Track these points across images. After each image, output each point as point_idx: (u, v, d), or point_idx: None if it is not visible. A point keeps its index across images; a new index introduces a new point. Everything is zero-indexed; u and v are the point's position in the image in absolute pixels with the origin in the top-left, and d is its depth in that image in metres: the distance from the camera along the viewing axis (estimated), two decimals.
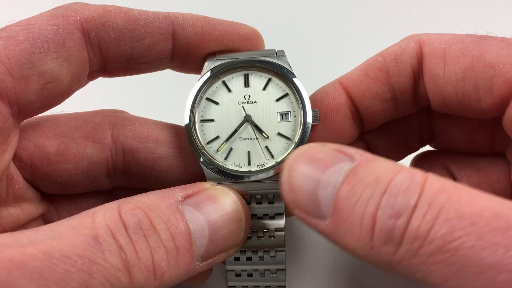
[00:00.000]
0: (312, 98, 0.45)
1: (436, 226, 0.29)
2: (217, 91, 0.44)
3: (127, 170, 0.45)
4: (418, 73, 0.43)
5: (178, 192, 0.38)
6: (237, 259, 0.44)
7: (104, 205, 0.35)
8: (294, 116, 0.43)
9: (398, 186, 0.31)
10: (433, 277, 0.29)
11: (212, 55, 0.45)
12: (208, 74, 0.44)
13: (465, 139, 0.46)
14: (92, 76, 0.44)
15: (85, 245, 0.30)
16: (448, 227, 0.28)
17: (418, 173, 0.31)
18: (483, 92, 0.39)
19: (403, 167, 0.32)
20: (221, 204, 0.39)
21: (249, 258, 0.44)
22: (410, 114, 0.47)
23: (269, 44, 0.47)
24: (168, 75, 0.49)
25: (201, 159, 0.42)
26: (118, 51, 0.42)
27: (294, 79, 0.43)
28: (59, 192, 0.45)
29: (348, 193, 0.32)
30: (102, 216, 0.33)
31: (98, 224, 0.32)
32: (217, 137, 0.43)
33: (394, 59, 0.43)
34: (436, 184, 0.30)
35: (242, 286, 0.45)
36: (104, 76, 0.45)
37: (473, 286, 0.28)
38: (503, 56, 0.38)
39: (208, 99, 0.44)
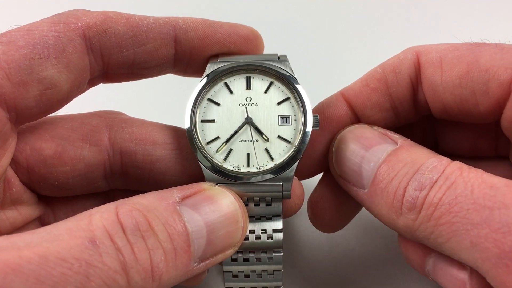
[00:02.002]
0: (315, 109, 0.46)
1: (446, 194, 0.35)
2: (219, 92, 0.44)
3: (125, 172, 0.45)
4: (416, 82, 0.44)
5: (175, 193, 0.38)
6: (234, 260, 0.44)
7: (101, 206, 0.35)
8: (295, 120, 0.44)
9: (427, 166, 0.38)
10: (441, 237, 0.35)
11: (214, 57, 0.45)
12: (211, 75, 0.44)
13: (469, 144, 0.47)
14: (93, 82, 0.44)
15: (82, 248, 0.30)
16: (455, 195, 0.35)
17: (446, 158, 0.38)
18: (480, 96, 0.40)
19: (436, 154, 0.39)
20: (219, 205, 0.39)
21: (246, 259, 0.44)
22: (413, 122, 0.48)
23: (272, 49, 0.47)
24: (165, 76, 0.49)
25: (200, 159, 0.42)
26: (120, 57, 0.42)
27: (296, 84, 0.44)
28: (56, 195, 0.45)
29: (387, 169, 0.39)
30: (99, 218, 0.33)
31: (95, 226, 0.32)
32: (217, 137, 0.43)
33: (392, 70, 0.44)
34: (456, 165, 0.37)
35: (239, 287, 0.45)
36: (105, 82, 0.45)
37: (464, 242, 0.34)
38: (496, 60, 0.39)
39: (209, 99, 0.44)
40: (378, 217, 0.41)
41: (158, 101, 0.67)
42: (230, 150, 0.43)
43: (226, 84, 0.44)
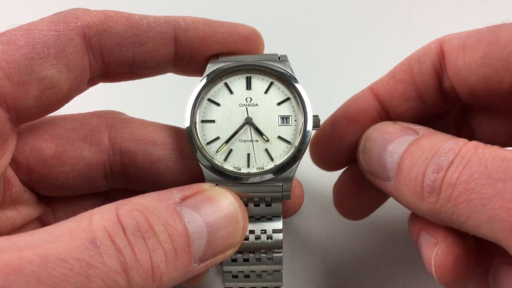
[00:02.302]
0: (343, 104, 0.48)
1: (462, 173, 0.35)
2: (219, 92, 0.44)
3: (125, 172, 0.45)
4: (440, 70, 0.45)
5: (176, 193, 0.38)
6: (234, 260, 0.44)
7: (101, 207, 0.35)
8: (295, 120, 0.44)
9: (443, 149, 0.38)
10: (462, 216, 0.35)
11: (215, 56, 0.45)
12: (211, 75, 0.44)
13: (505, 133, 0.48)
14: (92, 81, 0.44)
15: (82, 249, 0.30)
16: (471, 172, 0.35)
17: (463, 140, 0.38)
18: (502, 72, 0.41)
19: (455, 137, 0.39)
20: (219, 205, 0.39)
21: (246, 260, 0.44)
22: (444, 113, 0.49)
23: (272, 49, 0.47)
24: (165, 76, 0.49)
25: (200, 160, 0.42)
26: (120, 56, 0.41)
27: (296, 84, 0.44)
28: (56, 195, 0.45)
29: (409, 158, 0.40)
30: (100, 219, 0.33)
31: (96, 226, 0.32)
32: (217, 138, 0.43)
33: (417, 60, 0.46)
34: (472, 144, 0.37)
35: (239, 287, 0.45)
36: (105, 82, 0.45)
37: (482, 217, 0.34)
38: None
39: (209, 100, 0.44)
40: (406, 205, 0.42)
41: (158, 101, 0.67)
42: (230, 150, 0.43)
43: (226, 84, 0.44)
